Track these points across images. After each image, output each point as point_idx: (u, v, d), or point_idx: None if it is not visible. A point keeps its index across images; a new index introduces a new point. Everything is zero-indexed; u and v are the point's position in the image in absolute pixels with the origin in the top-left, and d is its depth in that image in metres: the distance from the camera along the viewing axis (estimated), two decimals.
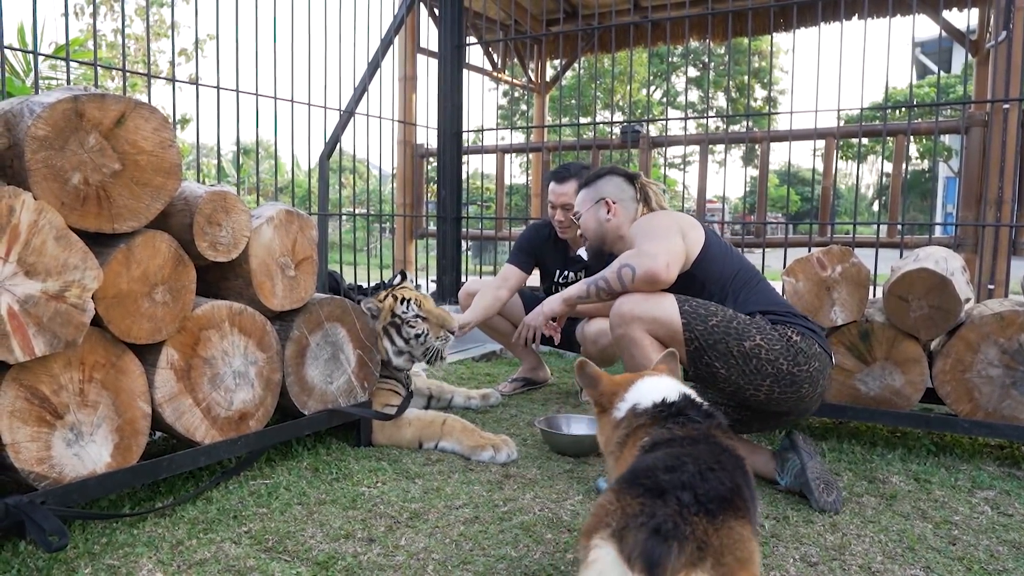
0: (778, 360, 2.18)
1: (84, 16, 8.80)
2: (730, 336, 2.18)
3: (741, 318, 2.23)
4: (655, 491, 1.12)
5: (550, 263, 3.63)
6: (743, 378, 2.20)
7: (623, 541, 1.05)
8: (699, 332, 2.18)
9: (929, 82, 21.21)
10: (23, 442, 1.73)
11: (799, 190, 23.73)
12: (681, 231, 2.36)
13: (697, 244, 2.38)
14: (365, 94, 4.63)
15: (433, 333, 2.88)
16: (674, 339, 2.20)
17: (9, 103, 1.85)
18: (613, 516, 1.10)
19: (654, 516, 1.06)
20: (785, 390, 2.21)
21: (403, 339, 2.86)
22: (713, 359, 2.19)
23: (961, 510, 2.17)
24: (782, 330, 2.23)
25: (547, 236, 3.60)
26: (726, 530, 1.08)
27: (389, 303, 2.91)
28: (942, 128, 4.85)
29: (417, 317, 2.87)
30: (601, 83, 11.79)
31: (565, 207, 3.39)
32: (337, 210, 5.24)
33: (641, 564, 1.01)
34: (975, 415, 2.56)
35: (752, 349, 2.17)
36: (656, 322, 2.21)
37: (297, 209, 2.51)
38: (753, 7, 4.86)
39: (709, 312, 2.21)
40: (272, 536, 1.90)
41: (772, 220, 11.45)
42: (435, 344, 2.89)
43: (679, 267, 2.29)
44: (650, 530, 1.04)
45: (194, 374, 2.12)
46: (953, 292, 2.48)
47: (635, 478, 1.17)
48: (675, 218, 2.45)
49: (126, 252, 1.91)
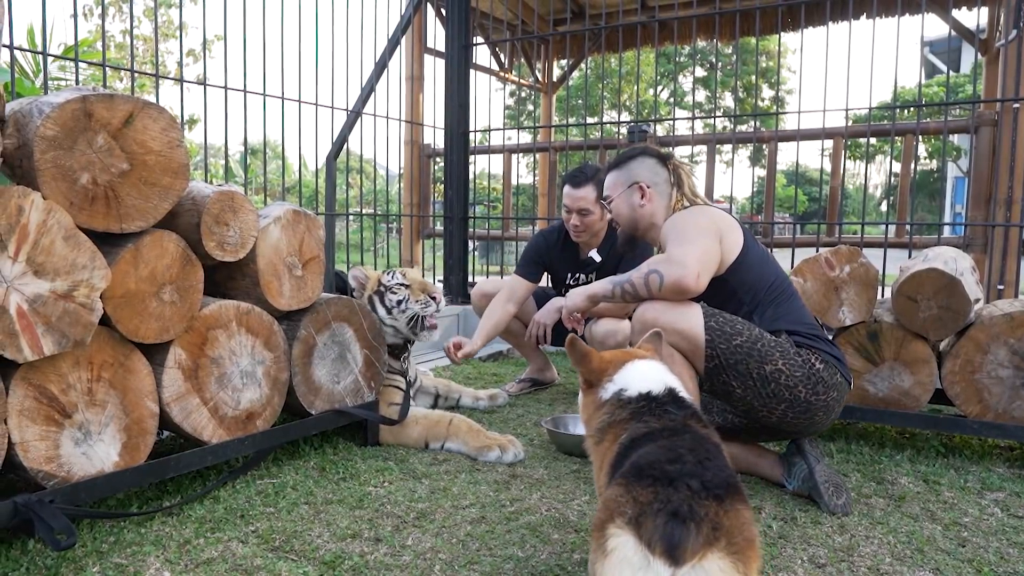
0: (796, 387, 2.13)
1: (93, 17, 8.84)
2: (752, 358, 2.12)
3: (766, 339, 2.15)
4: (665, 480, 1.16)
5: (560, 268, 3.61)
6: (758, 400, 2.16)
7: (641, 527, 1.09)
8: (722, 350, 2.12)
9: (938, 81, 21.11)
10: (32, 441, 1.73)
11: (807, 190, 23.67)
12: (719, 234, 2.23)
13: (735, 248, 2.27)
14: (372, 94, 4.64)
15: (413, 297, 2.88)
16: (695, 353, 2.14)
17: (19, 103, 1.86)
18: (627, 506, 1.13)
19: (670, 501, 1.10)
20: (799, 416, 2.18)
21: (385, 308, 2.88)
22: (731, 378, 2.14)
23: (971, 512, 2.15)
24: (806, 355, 2.16)
25: (555, 241, 3.58)
26: (734, 512, 1.12)
27: (376, 273, 2.96)
28: (951, 128, 4.82)
29: (400, 285, 2.90)
30: (608, 83, 11.77)
31: (581, 212, 3.34)
32: (344, 210, 5.24)
33: (662, 546, 1.05)
34: (985, 416, 2.54)
35: (772, 373, 2.12)
36: (679, 334, 2.13)
37: (304, 209, 2.51)
38: (761, 7, 4.84)
39: (735, 331, 2.14)
40: (279, 535, 1.90)
41: (779, 220, 11.41)
42: (415, 308, 2.88)
43: (710, 275, 2.18)
44: (668, 514, 1.08)
45: (201, 373, 2.12)
46: (963, 292, 2.47)
47: (641, 471, 1.20)
48: (714, 218, 2.28)
49: (134, 252, 1.92)
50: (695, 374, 2.17)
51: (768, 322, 2.23)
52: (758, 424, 2.30)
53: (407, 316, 2.88)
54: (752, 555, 1.10)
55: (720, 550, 1.06)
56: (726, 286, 2.27)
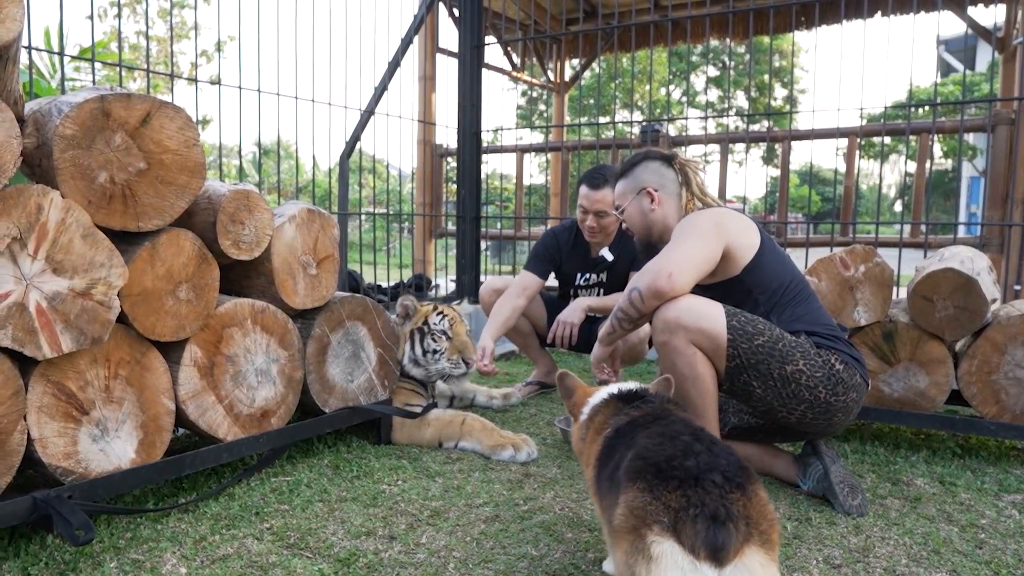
0: (817, 388, 2.12)
1: (108, 18, 8.91)
2: (773, 358, 2.10)
3: (787, 339, 2.14)
4: (689, 480, 1.18)
5: (569, 267, 3.60)
6: (778, 400, 2.15)
7: (682, 534, 1.13)
8: (743, 350, 2.10)
9: (954, 80, 20.93)
10: (50, 437, 1.75)
11: (820, 190, 23.53)
12: (720, 234, 2.19)
13: (750, 249, 2.24)
14: (385, 94, 4.65)
15: (448, 354, 2.89)
16: (716, 352, 2.12)
17: (38, 103, 1.87)
18: (660, 512, 1.16)
19: (704, 504, 1.14)
20: (818, 417, 2.16)
21: (422, 349, 2.89)
22: (752, 378, 2.13)
23: (988, 513, 2.14)
24: (826, 356, 2.15)
25: (567, 240, 3.57)
26: (756, 498, 1.18)
27: (427, 309, 2.94)
28: (967, 126, 4.78)
29: (443, 334, 2.89)
30: (620, 82, 11.74)
31: (599, 214, 3.31)
32: (356, 210, 5.26)
33: (706, 551, 1.10)
34: (1002, 417, 2.52)
35: (793, 374, 2.11)
36: (701, 333, 2.11)
37: (319, 208, 2.52)
38: (774, 5, 4.81)
39: (757, 331, 2.12)
40: (294, 532, 1.91)
41: (792, 220, 11.35)
42: (446, 366, 2.90)
43: (694, 273, 2.14)
44: (707, 518, 1.12)
45: (217, 371, 2.14)
46: (979, 292, 2.45)
47: (661, 472, 1.22)
48: (719, 219, 2.23)
49: (151, 250, 1.93)
50: (715, 374, 2.16)
51: (786, 323, 2.21)
52: (775, 424, 2.29)
53: (436, 368, 2.91)
54: (775, 535, 1.17)
55: (755, 543, 1.13)
56: (742, 286, 2.25)
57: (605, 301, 3.39)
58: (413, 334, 2.89)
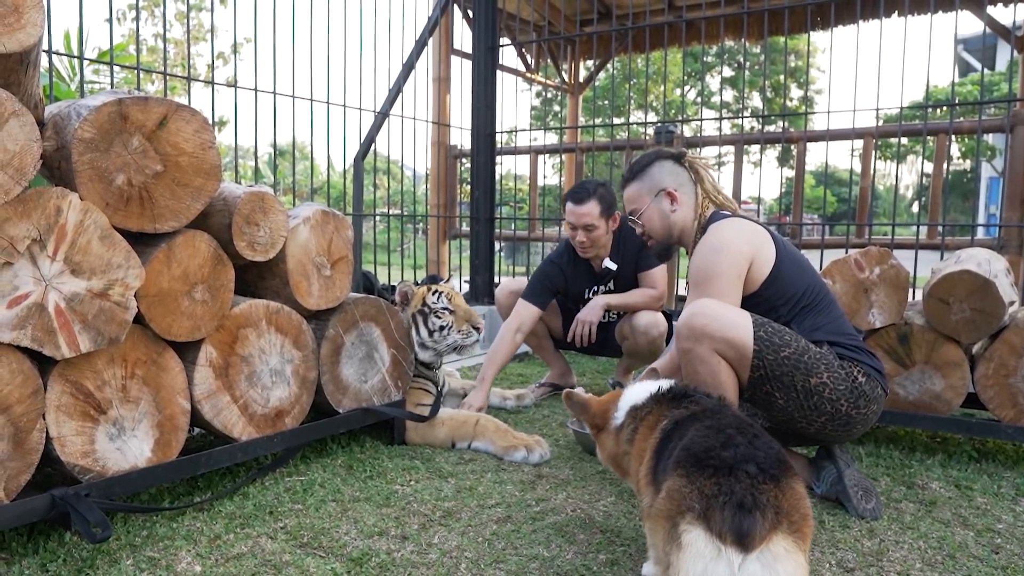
0: (839, 400, 2.10)
1: (126, 21, 9.01)
2: (798, 370, 2.08)
3: (812, 351, 2.11)
4: (724, 469, 1.24)
5: (576, 285, 3.56)
6: (799, 412, 2.12)
7: (711, 520, 1.18)
8: (769, 361, 2.08)
9: (972, 80, 20.74)
10: (69, 436, 1.78)
11: (836, 191, 23.37)
12: (740, 265, 2.17)
13: (767, 265, 2.20)
14: (400, 95, 4.67)
15: (456, 326, 2.91)
16: (741, 363, 2.10)
17: (57, 107, 1.90)
18: (694, 499, 1.22)
19: (733, 492, 1.19)
20: (837, 428, 2.15)
21: (428, 330, 2.90)
22: (775, 389, 2.11)
23: (1004, 518, 2.12)
24: (849, 368, 2.12)
25: (567, 262, 3.52)
26: (790, 491, 1.22)
27: (422, 291, 2.97)
28: (986, 127, 4.73)
29: (445, 309, 2.91)
30: (635, 83, 11.72)
31: (587, 228, 3.31)
32: (371, 211, 5.29)
33: (732, 537, 1.15)
34: (1019, 421, 2.49)
35: (816, 386, 2.09)
36: (727, 343, 2.07)
37: (333, 210, 2.53)
38: (790, 5, 4.79)
39: (783, 342, 2.09)
40: (307, 532, 1.93)
41: (808, 221, 11.28)
42: (457, 338, 2.93)
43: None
44: (735, 505, 1.17)
45: (232, 372, 2.16)
46: (996, 295, 2.42)
47: (699, 461, 1.27)
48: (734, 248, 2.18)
49: (167, 251, 1.95)
50: (737, 383, 2.14)
51: (808, 332, 2.17)
52: (792, 431, 2.28)
53: (448, 343, 2.93)
54: (808, 529, 1.21)
55: (783, 531, 1.17)
56: (763, 301, 2.21)
57: (623, 299, 3.40)
58: (415, 318, 2.91)
